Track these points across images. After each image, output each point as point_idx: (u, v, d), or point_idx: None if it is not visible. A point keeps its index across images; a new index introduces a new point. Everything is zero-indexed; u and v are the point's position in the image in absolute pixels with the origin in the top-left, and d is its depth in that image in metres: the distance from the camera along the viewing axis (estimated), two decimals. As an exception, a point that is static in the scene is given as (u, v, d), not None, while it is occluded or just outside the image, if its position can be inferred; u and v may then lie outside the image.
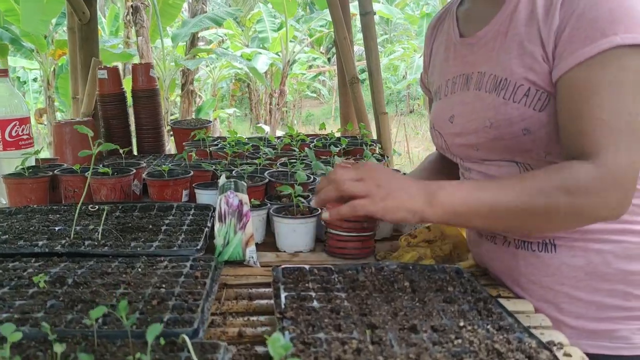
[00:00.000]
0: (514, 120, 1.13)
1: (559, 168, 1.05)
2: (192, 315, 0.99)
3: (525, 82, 1.11)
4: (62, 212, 1.64)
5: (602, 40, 1.01)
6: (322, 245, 1.53)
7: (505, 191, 1.04)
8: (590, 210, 1.03)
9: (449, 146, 1.32)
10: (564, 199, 1.01)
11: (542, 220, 1.06)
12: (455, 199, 1.06)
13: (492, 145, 1.19)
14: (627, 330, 1.14)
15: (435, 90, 1.39)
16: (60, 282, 1.12)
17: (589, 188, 1.00)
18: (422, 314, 1.02)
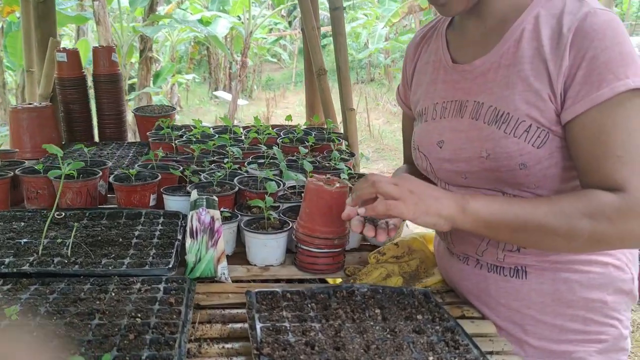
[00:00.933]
0: (513, 155, 1.16)
1: (585, 194, 1.09)
2: (170, 352, 1.01)
3: (528, 119, 1.14)
4: (27, 220, 1.61)
5: (616, 83, 1.04)
6: (292, 257, 1.55)
7: (535, 209, 1.09)
8: (611, 238, 1.08)
9: (435, 170, 1.33)
10: (588, 225, 1.06)
11: (564, 240, 1.10)
12: (488, 209, 1.10)
13: (484, 175, 1.22)
14: (585, 352, 1.22)
15: (419, 111, 1.39)
16: (32, 312, 1.11)
17: (612, 217, 1.05)
18: (393, 347, 1.07)
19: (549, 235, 1.08)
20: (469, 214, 1.10)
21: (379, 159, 8.57)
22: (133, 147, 2.60)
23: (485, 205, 1.11)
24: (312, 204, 1.44)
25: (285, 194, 1.80)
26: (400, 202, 1.09)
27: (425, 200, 1.10)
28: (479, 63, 1.23)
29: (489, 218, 1.10)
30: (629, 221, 1.05)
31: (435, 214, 1.10)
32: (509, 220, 1.09)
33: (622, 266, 1.22)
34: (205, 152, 2.19)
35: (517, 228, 1.10)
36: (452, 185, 1.32)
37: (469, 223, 1.11)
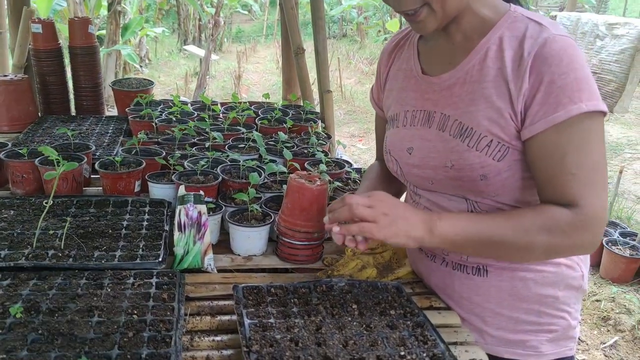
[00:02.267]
0: (475, 167, 1.26)
1: (542, 210, 1.20)
2: (167, 350, 1.11)
3: (489, 134, 1.23)
4: (16, 207, 1.66)
5: (571, 106, 1.14)
6: (274, 246, 1.65)
7: (498, 227, 1.20)
8: (564, 249, 1.22)
9: (405, 174, 1.43)
10: (544, 239, 1.18)
11: (523, 253, 1.23)
12: (454, 229, 1.21)
13: (448, 183, 1.32)
14: (537, 341, 1.37)
15: (391, 116, 1.47)
16: (35, 310, 1.19)
17: (566, 230, 1.17)
18: (368, 342, 1.19)
19: (510, 249, 1.21)
20: (436, 235, 1.21)
21: (351, 121, 8.64)
22: (112, 122, 2.63)
23: (452, 226, 1.22)
24: (293, 200, 1.53)
25: (266, 182, 1.88)
26: (373, 225, 1.20)
27: (397, 223, 1.21)
28: (446, 77, 1.31)
29: (454, 238, 1.22)
30: (581, 233, 1.18)
31: (405, 236, 1.21)
32: (473, 238, 1.21)
33: (574, 265, 1.36)
34: (186, 137, 2.24)
35: (480, 244, 1.22)
36: (420, 189, 1.42)
37: (436, 243, 1.23)
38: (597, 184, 1.17)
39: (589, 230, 1.17)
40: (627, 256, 4.18)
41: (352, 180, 1.99)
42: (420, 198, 1.44)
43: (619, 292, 4.05)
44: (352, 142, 7.63)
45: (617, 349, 3.58)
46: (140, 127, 2.34)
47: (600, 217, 1.17)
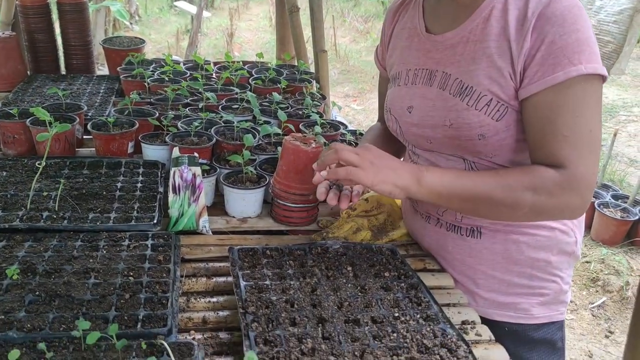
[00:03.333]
0: (473, 126, 1.25)
1: (530, 170, 1.20)
2: (164, 311, 1.12)
3: (489, 94, 1.23)
4: (8, 168, 1.64)
5: (570, 68, 1.13)
6: (268, 208, 1.65)
7: (484, 182, 1.20)
8: (551, 210, 1.21)
9: (404, 133, 1.43)
10: (530, 198, 1.18)
11: (509, 213, 1.23)
12: (441, 181, 1.21)
13: (447, 142, 1.32)
14: (528, 304, 1.39)
15: (393, 75, 1.47)
16: (31, 272, 1.20)
17: (552, 191, 1.17)
18: (363, 304, 1.20)
19: (495, 205, 1.21)
20: (423, 185, 1.21)
21: (345, 81, 8.55)
22: (103, 81, 2.59)
23: (439, 177, 1.22)
24: (289, 162, 1.52)
25: (260, 144, 1.87)
26: (359, 170, 1.19)
27: (383, 170, 1.21)
28: (450, 35, 1.30)
29: (441, 190, 1.22)
30: (567, 194, 1.18)
31: (392, 183, 1.21)
32: (460, 192, 1.22)
33: (568, 230, 1.37)
34: (179, 98, 2.21)
35: (467, 199, 1.22)
36: (419, 148, 1.42)
37: (423, 193, 1.23)
38: (588, 147, 1.16)
39: (575, 192, 1.17)
40: (618, 218, 4.23)
41: (347, 142, 1.98)
42: (418, 158, 1.44)
43: (608, 254, 4.11)
44: (347, 102, 7.57)
45: (605, 309, 3.66)
46: (132, 87, 2.31)
47: (588, 181, 1.17)
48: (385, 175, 1.20)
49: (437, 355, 1.07)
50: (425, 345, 1.09)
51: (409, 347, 1.08)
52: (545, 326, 1.40)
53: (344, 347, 1.06)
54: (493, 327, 1.26)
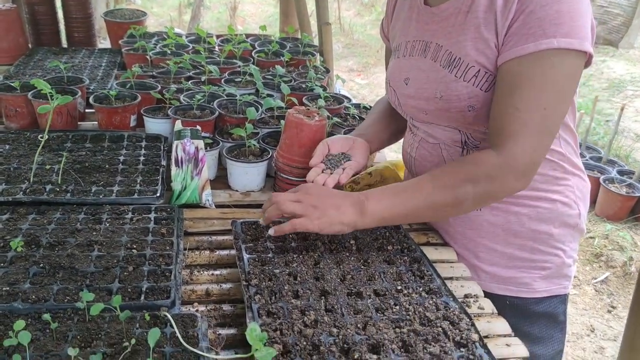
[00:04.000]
0: (462, 97, 1.25)
1: (466, 160, 1.21)
2: (167, 283, 1.12)
3: (476, 65, 1.21)
4: (11, 142, 1.64)
5: (542, 40, 1.11)
6: (271, 181, 1.65)
7: (422, 192, 1.21)
8: (494, 193, 1.22)
9: (402, 105, 1.42)
10: (470, 189, 1.18)
11: (455, 209, 1.25)
12: (381, 207, 1.21)
13: (439, 114, 1.32)
14: (529, 278, 1.39)
15: (395, 47, 1.46)
16: (35, 244, 1.20)
17: (491, 174, 1.17)
18: (366, 277, 1.20)
19: (439, 209, 1.23)
20: (367, 216, 1.21)
21: (349, 55, 8.48)
22: (105, 55, 2.57)
23: (379, 203, 1.22)
24: (292, 136, 1.51)
25: (263, 117, 1.86)
26: (305, 219, 1.20)
27: (328, 212, 1.20)
28: (445, 7, 1.29)
29: (384, 215, 1.22)
30: (504, 175, 1.17)
31: (338, 223, 1.20)
32: (402, 211, 1.23)
33: (570, 203, 1.36)
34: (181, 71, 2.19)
35: (410, 214, 1.24)
36: (417, 120, 1.42)
37: (369, 223, 1.23)
38: (538, 126, 1.14)
39: (512, 172, 1.17)
40: (624, 194, 4.21)
41: (350, 115, 1.96)
42: (417, 130, 1.43)
43: (613, 229, 4.11)
44: (351, 76, 7.51)
45: (608, 284, 3.67)
46: (134, 60, 2.29)
47: (526, 161, 1.16)
48: (330, 218, 1.20)
49: (440, 328, 1.07)
50: (428, 317, 1.09)
51: (411, 320, 1.09)
52: (547, 300, 1.40)
53: (346, 319, 1.07)
54: (495, 300, 1.26)
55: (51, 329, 0.97)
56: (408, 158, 1.50)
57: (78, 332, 0.97)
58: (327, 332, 1.03)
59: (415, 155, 1.46)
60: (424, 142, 1.42)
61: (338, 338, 1.01)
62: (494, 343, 1.12)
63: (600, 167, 4.52)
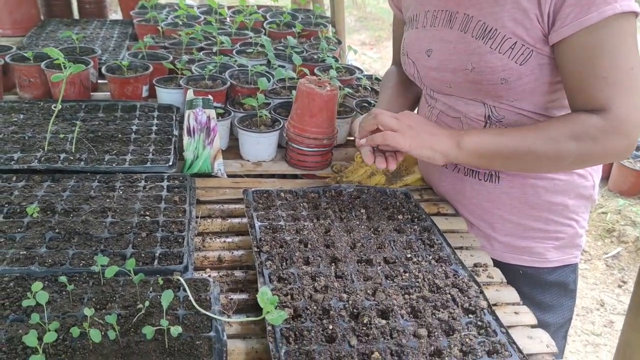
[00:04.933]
0: (496, 70, 1.22)
1: (570, 118, 1.18)
2: (180, 249, 1.14)
3: (513, 36, 1.19)
4: (25, 112, 1.65)
5: (605, 7, 1.09)
6: (283, 152, 1.65)
7: (524, 138, 1.19)
8: (596, 155, 1.19)
9: (422, 77, 1.40)
10: (574, 147, 1.16)
11: (554, 164, 1.22)
12: (481, 143, 1.20)
13: (467, 86, 1.30)
14: (543, 248, 1.39)
15: (410, 17, 1.43)
16: (50, 210, 1.22)
17: (596, 137, 1.14)
18: (376, 245, 1.21)
19: (539, 159, 1.20)
20: (463, 148, 1.21)
21: (362, 28, 8.39)
22: (116, 26, 2.57)
23: (478, 139, 1.21)
24: (303, 106, 1.51)
25: (275, 88, 1.86)
26: (398, 134, 1.19)
27: (422, 135, 1.20)
28: None
29: (481, 151, 1.21)
30: (611, 138, 1.15)
31: (430, 148, 1.20)
32: (501, 150, 1.20)
33: (585, 174, 1.35)
34: (193, 40, 2.18)
35: (508, 157, 1.21)
36: (437, 93, 1.40)
37: (464, 156, 1.22)
38: (630, 86, 1.13)
39: (620, 134, 1.14)
40: (638, 169, 4.17)
41: (362, 87, 1.96)
42: (436, 102, 1.42)
43: (625, 204, 4.08)
44: (363, 50, 7.44)
45: (619, 259, 3.66)
46: (146, 31, 2.29)
47: (633, 121, 1.14)
48: (423, 140, 1.20)
49: (448, 295, 1.08)
50: (437, 285, 1.11)
51: (420, 287, 1.10)
52: (559, 269, 1.41)
53: (356, 285, 1.08)
54: (507, 270, 1.27)
55: (67, 291, 0.99)
56: None
57: (93, 295, 0.99)
58: (337, 297, 1.04)
59: None
60: (443, 115, 1.40)
61: (348, 303, 1.03)
62: (503, 311, 1.13)
63: (615, 142, 4.46)
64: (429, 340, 0.97)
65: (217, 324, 0.96)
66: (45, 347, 0.86)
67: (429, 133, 1.22)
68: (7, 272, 1.03)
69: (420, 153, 1.21)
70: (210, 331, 0.94)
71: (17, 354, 0.86)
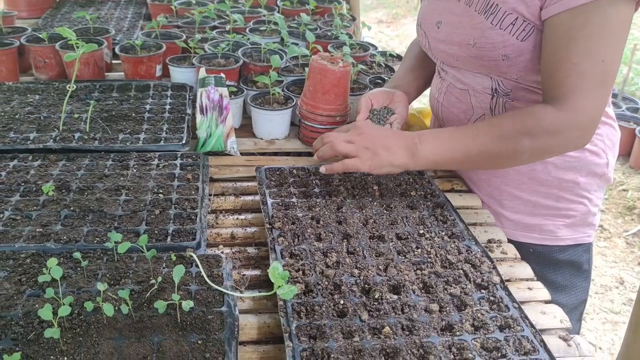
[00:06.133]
0: (497, 46, 1.20)
1: (524, 113, 1.16)
2: (192, 226, 1.15)
3: (514, 12, 1.16)
4: (41, 92, 1.67)
5: None
6: (296, 130, 1.65)
7: (476, 139, 1.17)
8: (552, 149, 1.18)
9: (432, 48, 1.39)
10: (528, 143, 1.14)
11: (510, 161, 1.22)
12: (434, 150, 1.20)
13: (471, 61, 1.28)
14: (553, 226, 1.38)
15: None
16: (66, 189, 1.23)
17: (550, 130, 1.12)
18: (388, 221, 1.21)
19: (493, 158, 1.20)
20: (418, 159, 1.21)
21: (378, 6, 8.28)
22: (130, 6, 2.57)
23: (432, 146, 1.20)
24: (315, 83, 1.50)
25: (288, 66, 1.84)
26: (356, 160, 1.21)
27: (379, 153, 1.21)
28: None
29: (436, 159, 1.21)
30: (567, 131, 1.13)
31: (389, 165, 1.21)
32: (455, 156, 1.20)
33: (598, 152, 1.33)
34: (207, 18, 2.18)
35: (464, 160, 1.21)
36: (447, 65, 1.39)
37: (420, 166, 1.24)
38: (597, 79, 1.09)
39: (578, 128, 1.13)
40: (659, 145, 4.09)
41: (376, 63, 1.93)
42: (446, 74, 1.41)
43: (647, 181, 4.01)
44: (380, 28, 7.36)
45: (640, 236, 3.61)
46: (159, 11, 2.28)
47: (590, 115, 1.12)
48: (381, 159, 1.21)
49: (461, 270, 1.07)
50: (450, 260, 1.10)
51: (432, 262, 1.09)
52: (571, 248, 1.39)
53: (368, 261, 1.08)
54: (518, 248, 1.26)
55: (82, 267, 1.00)
56: (435, 103, 1.48)
57: (107, 271, 1.00)
58: (349, 272, 1.04)
59: (442, 101, 1.43)
60: (452, 87, 1.39)
61: (359, 278, 1.03)
62: (516, 287, 1.13)
63: (637, 118, 4.38)
64: (441, 315, 0.97)
65: (229, 299, 0.97)
66: (61, 321, 0.88)
67: (384, 149, 1.21)
68: (24, 249, 1.05)
69: (380, 172, 1.23)
70: (222, 306, 0.95)
71: (33, 327, 0.87)
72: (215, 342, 0.88)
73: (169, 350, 0.85)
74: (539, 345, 0.92)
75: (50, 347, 0.84)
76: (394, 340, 0.90)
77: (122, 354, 0.84)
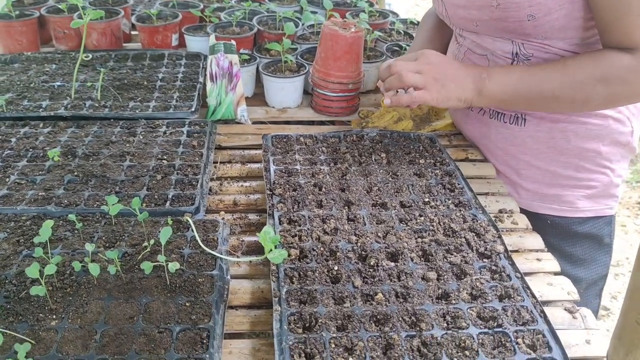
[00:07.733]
0: (522, 5, 1.14)
1: (600, 58, 1.10)
2: (193, 192, 1.14)
3: None
4: (57, 62, 1.69)
5: None
6: (309, 98, 1.62)
7: (550, 81, 1.13)
8: (627, 97, 1.13)
9: (450, 15, 1.33)
10: (602, 89, 1.10)
11: (581, 106, 1.17)
12: (503, 88, 1.17)
13: (493, 24, 1.22)
14: (573, 196, 1.31)
15: None
16: (71, 154, 1.24)
17: (626, 78, 1.08)
18: (393, 189, 1.17)
19: (565, 102, 1.14)
20: (484, 95, 1.18)
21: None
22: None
23: (501, 84, 1.16)
24: (327, 49, 1.46)
25: (304, 34, 1.81)
26: (424, 91, 1.17)
27: (447, 86, 1.17)
28: None
29: (503, 97, 1.17)
30: None
31: (455, 99, 1.18)
32: (525, 94, 1.16)
33: (623, 119, 1.25)
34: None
35: (532, 100, 1.17)
36: (465, 31, 1.32)
37: (485, 103, 1.20)
38: None
39: None
40: None
41: (395, 31, 1.88)
42: (464, 40, 1.34)
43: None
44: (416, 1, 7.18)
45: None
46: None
47: None
48: (449, 92, 1.18)
49: (463, 238, 1.04)
50: (453, 228, 1.06)
51: (434, 230, 1.06)
52: (592, 220, 1.32)
53: (367, 228, 1.05)
54: (535, 219, 1.21)
55: (77, 229, 1.01)
56: None
57: (103, 234, 1.01)
58: (346, 239, 1.02)
59: None
60: (470, 53, 1.33)
61: (356, 245, 1.01)
62: (524, 257, 1.08)
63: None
64: (438, 283, 0.93)
65: (222, 263, 0.96)
66: (52, 280, 0.88)
67: (453, 81, 1.18)
68: (25, 211, 1.06)
69: (446, 105, 1.20)
70: (213, 270, 0.94)
71: (25, 286, 0.89)
72: (203, 304, 0.87)
73: (155, 311, 0.85)
74: (539, 315, 0.88)
75: (40, 305, 0.85)
76: (386, 307, 0.88)
77: (110, 314, 0.84)
